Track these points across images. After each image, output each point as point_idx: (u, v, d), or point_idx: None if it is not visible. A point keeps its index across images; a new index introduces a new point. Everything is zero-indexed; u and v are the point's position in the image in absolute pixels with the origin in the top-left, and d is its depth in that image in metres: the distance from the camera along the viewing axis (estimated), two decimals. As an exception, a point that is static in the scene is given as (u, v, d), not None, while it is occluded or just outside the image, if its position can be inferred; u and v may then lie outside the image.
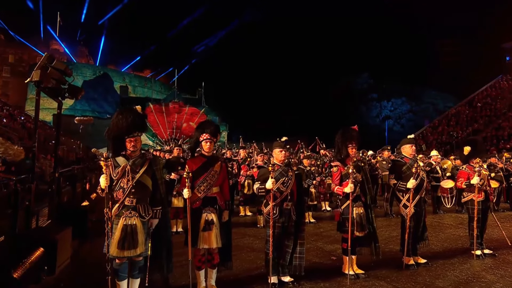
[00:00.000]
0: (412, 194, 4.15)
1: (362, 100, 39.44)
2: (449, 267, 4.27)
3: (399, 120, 38.32)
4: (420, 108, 37.57)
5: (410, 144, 4.44)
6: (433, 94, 37.52)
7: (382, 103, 39.73)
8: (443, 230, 6.39)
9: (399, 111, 38.93)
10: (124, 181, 3.00)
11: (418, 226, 4.34)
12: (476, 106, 31.98)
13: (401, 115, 38.48)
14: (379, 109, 40.13)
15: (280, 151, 3.74)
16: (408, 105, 38.30)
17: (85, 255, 4.78)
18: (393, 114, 38.87)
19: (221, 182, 3.49)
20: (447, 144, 25.52)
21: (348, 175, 3.88)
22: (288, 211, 3.63)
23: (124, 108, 3.18)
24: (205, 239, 3.30)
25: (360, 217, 3.88)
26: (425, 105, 37.29)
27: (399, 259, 4.44)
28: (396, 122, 38.27)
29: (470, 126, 28.00)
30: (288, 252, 3.68)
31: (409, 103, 38.54)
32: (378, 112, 40.04)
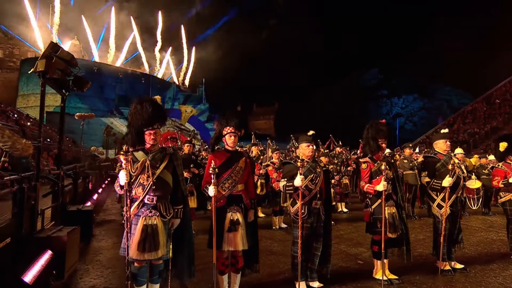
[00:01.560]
0: (448, 193, 4.04)
1: (371, 96, 39.26)
2: (490, 274, 4.15)
3: (411, 118, 38.12)
4: (433, 105, 37.37)
5: (444, 139, 4.33)
6: (446, 90, 37.32)
7: (393, 100, 39.54)
8: (473, 234, 6.28)
9: (411, 108, 38.74)
10: (144, 177, 2.90)
11: (454, 228, 4.23)
12: (494, 102, 31.75)
13: (413, 113, 38.28)
14: (390, 106, 39.94)
15: (307, 145, 3.64)
16: (420, 102, 38.10)
17: (92, 257, 4.69)
18: (405, 111, 38.69)
19: (246, 179, 3.39)
20: (464, 143, 25.36)
21: (378, 171, 3.79)
22: (317, 210, 3.53)
23: (143, 97, 3.08)
24: (230, 241, 3.19)
25: (392, 217, 3.76)
26: (438, 102, 37.07)
27: (431, 263, 4.35)
28: (408, 120, 38.07)
29: (488, 124, 27.80)
30: (316, 255, 3.58)
31: (421, 100, 38.33)
32: (388, 109, 39.86)
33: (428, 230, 5.82)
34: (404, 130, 36.53)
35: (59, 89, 4.89)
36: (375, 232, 3.83)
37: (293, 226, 3.59)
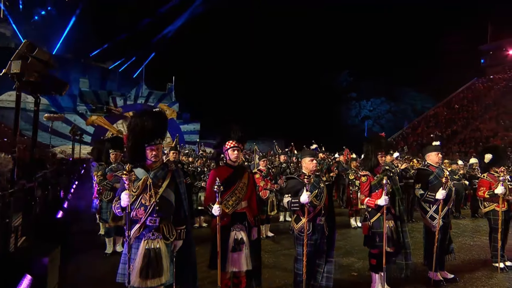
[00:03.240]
0: (441, 205, 4.14)
1: (342, 99, 40.34)
2: (477, 283, 4.32)
3: (379, 120, 39.63)
4: (399, 108, 39.09)
5: (436, 151, 4.44)
6: (412, 95, 39.13)
7: (361, 103, 40.87)
8: (453, 240, 6.53)
9: (378, 111, 40.25)
10: (146, 197, 2.68)
11: (445, 238, 4.36)
12: (454, 107, 33.79)
13: (381, 115, 39.81)
14: (358, 109, 41.25)
15: (311, 160, 3.57)
16: (387, 105, 39.70)
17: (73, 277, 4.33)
18: (372, 114, 40.12)
19: (250, 195, 3.26)
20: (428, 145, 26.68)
21: (378, 185, 3.80)
22: (321, 226, 3.47)
23: (144, 110, 2.85)
24: (234, 261, 3.06)
25: (391, 231, 3.80)
26: (404, 106, 38.84)
27: (422, 273, 4.45)
28: (376, 122, 39.53)
29: (449, 128, 29.51)
30: (319, 272, 3.52)
31: (388, 103, 39.95)
32: (357, 111, 41.15)
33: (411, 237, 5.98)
34: (372, 132, 37.86)
35: (34, 92, 4.46)
36: (373, 246, 3.84)
37: (296, 243, 3.50)
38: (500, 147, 5.20)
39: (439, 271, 4.30)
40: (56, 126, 25.75)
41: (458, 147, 24.67)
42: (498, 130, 25.29)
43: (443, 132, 29.23)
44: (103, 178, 5.13)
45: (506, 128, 25.18)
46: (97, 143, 6.65)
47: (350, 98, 40.79)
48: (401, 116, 38.13)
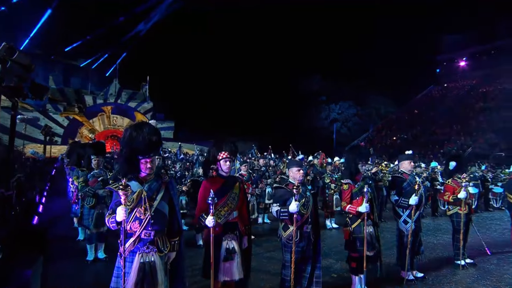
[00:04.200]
0: (414, 210, 4.35)
1: (312, 102, 41.13)
2: (443, 280, 4.57)
3: (346, 123, 40.79)
4: (365, 112, 40.46)
5: (409, 160, 4.65)
6: (376, 100, 40.62)
7: (331, 106, 41.90)
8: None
9: (346, 114, 41.45)
10: (141, 210, 2.60)
11: (416, 240, 4.57)
12: (414, 112, 35.49)
13: (348, 118, 41.01)
14: (328, 112, 42.25)
15: (298, 170, 3.61)
16: (354, 109, 40.97)
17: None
18: (341, 117, 41.24)
19: (241, 205, 3.25)
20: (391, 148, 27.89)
21: (359, 193, 3.93)
22: (308, 234, 3.53)
23: (138, 122, 2.76)
24: (226, 271, 3.04)
25: (370, 236, 3.94)
26: (369, 110, 40.26)
27: (395, 273, 4.65)
28: (343, 125, 40.67)
29: (409, 131, 30.95)
30: (305, 277, 3.57)
31: (355, 107, 41.24)
32: (326, 114, 42.13)
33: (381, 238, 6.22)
34: (340, 134, 38.92)
35: (14, 97, 4.19)
36: (354, 250, 3.96)
37: (284, 250, 3.54)
38: (463, 156, 5.53)
39: (411, 270, 4.51)
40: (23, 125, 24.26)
41: (418, 149, 25.91)
42: (451, 135, 26.87)
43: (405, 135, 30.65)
44: (85, 185, 4.91)
45: (458, 132, 26.79)
46: (77, 148, 6.34)
47: (320, 101, 41.67)
48: (367, 119, 39.50)
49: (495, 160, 20.08)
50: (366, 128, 37.18)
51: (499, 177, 12.44)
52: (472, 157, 22.46)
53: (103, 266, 4.97)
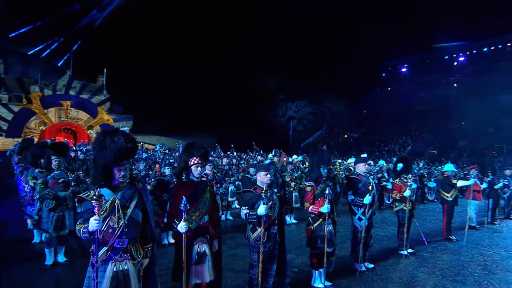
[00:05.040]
0: (367, 209, 4.67)
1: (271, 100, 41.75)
2: (390, 269, 4.97)
3: (302, 121, 42.02)
4: (319, 111, 41.99)
5: (364, 162, 4.96)
6: (330, 99, 42.29)
7: (288, 104, 42.85)
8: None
9: (302, 113, 42.68)
10: (114, 219, 2.51)
11: (368, 235, 4.91)
12: (362, 112, 37.52)
13: (304, 116, 42.27)
14: (285, 110, 43.15)
15: (265, 174, 3.69)
16: (309, 107, 42.31)
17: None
18: (297, 115, 42.37)
19: (211, 209, 3.26)
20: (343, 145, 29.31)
21: (321, 194, 4.13)
22: (274, 234, 3.63)
23: (111, 130, 2.64)
24: (197, 273, 3.05)
25: (330, 234, 4.16)
26: (323, 109, 41.84)
27: (349, 265, 4.96)
28: (299, 123, 41.84)
29: (359, 130, 32.71)
30: (271, 275, 3.68)
31: (310, 106, 42.61)
32: (283, 112, 43.02)
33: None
34: (296, 131, 40.00)
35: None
36: (315, 247, 4.15)
37: (252, 250, 3.60)
38: (409, 158, 6.02)
39: (363, 262, 4.85)
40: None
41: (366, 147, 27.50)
42: (394, 134, 28.90)
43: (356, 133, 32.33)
44: (45, 187, 4.57)
45: (400, 132, 28.88)
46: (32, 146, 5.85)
47: (278, 99, 42.41)
48: (321, 118, 41.00)
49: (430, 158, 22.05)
50: (320, 126, 38.61)
51: (433, 173, 13.71)
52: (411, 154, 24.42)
53: (63, 270, 4.68)
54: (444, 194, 6.85)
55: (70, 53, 39.94)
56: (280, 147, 20.12)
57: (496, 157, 20.92)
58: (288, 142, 37.22)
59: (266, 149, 20.79)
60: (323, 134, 35.70)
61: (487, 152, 21.75)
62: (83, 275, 2.54)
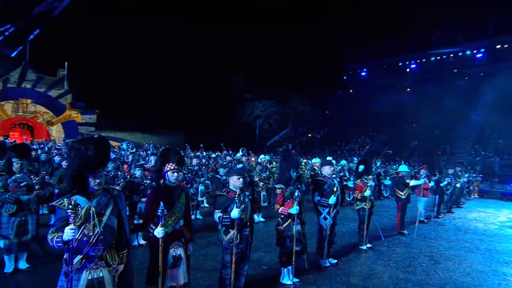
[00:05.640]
0: (332, 209, 4.90)
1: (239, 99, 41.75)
2: (351, 264, 5.28)
3: (268, 120, 42.51)
4: (284, 110, 42.69)
5: (329, 165, 5.19)
6: (294, 100, 43.15)
7: (254, 104, 43.13)
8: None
9: (268, 112, 43.16)
10: (89, 226, 2.44)
11: (333, 233, 5.16)
12: (325, 113, 38.76)
13: (270, 116, 42.77)
14: (251, 109, 43.39)
15: (238, 178, 3.74)
16: (275, 107, 42.87)
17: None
18: (263, 114, 42.77)
19: (186, 213, 3.27)
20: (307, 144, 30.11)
21: (290, 196, 4.27)
22: (246, 236, 3.71)
23: (86, 138, 2.55)
24: (172, 277, 3.05)
25: (298, 234, 4.33)
26: (288, 109, 42.61)
27: (315, 261, 5.16)
28: (265, 121, 42.29)
29: (322, 130, 33.76)
30: (243, 275, 3.76)
31: (276, 106, 43.20)
32: (250, 111, 43.24)
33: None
34: (262, 129, 40.39)
35: None
36: (285, 247, 4.30)
37: (224, 252, 3.65)
38: (369, 161, 6.37)
39: (328, 258, 5.09)
40: None
41: (328, 146, 28.49)
42: (354, 134, 30.20)
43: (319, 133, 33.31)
44: (5, 191, 4.26)
45: (359, 133, 30.23)
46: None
47: (245, 98, 42.52)
48: (286, 117, 41.72)
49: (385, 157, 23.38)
50: (285, 125, 39.31)
51: (389, 172, 14.61)
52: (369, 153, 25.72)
53: (25, 277, 4.40)
54: (399, 193, 7.36)
55: (26, 43, 36.93)
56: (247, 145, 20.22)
57: (441, 156, 22.68)
58: (254, 140, 37.50)
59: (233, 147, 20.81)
60: (288, 133, 36.38)
61: (434, 152, 23.49)
62: (46, 282, 2.46)
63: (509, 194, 15.81)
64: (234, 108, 42.45)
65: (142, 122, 35.42)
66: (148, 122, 35.68)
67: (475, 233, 7.98)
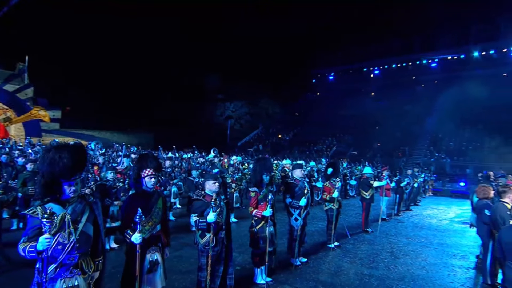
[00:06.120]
0: (303, 210, 5.07)
1: (211, 99, 41.39)
2: (320, 262, 5.50)
3: (239, 120, 42.56)
4: (255, 111, 42.97)
5: (300, 168, 5.36)
6: (265, 101, 43.55)
7: (226, 104, 43.00)
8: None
9: (239, 112, 43.22)
10: (64, 234, 2.37)
11: (303, 234, 5.34)
12: (294, 115, 39.50)
13: (241, 116, 42.86)
14: (223, 109, 43.22)
15: (214, 183, 3.78)
16: (246, 108, 43.03)
17: None
18: (234, 114, 42.75)
19: (164, 218, 3.25)
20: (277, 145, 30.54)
21: (263, 199, 4.38)
22: (222, 239, 3.76)
23: (61, 144, 2.47)
24: (149, 281, 3.03)
25: (271, 235, 4.44)
26: (259, 110, 42.94)
27: (286, 260, 5.33)
28: (237, 122, 42.31)
29: (291, 131, 34.39)
30: (218, 277, 3.80)
31: (247, 106, 43.37)
32: (222, 111, 43.06)
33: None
34: (233, 130, 40.34)
35: None
36: (258, 248, 4.39)
37: (200, 255, 3.67)
38: (337, 163, 6.64)
39: (298, 257, 5.26)
40: None
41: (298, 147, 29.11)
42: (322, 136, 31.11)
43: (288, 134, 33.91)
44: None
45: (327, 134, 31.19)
46: None
47: (217, 99, 42.25)
48: (257, 118, 42.00)
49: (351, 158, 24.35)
50: (256, 126, 39.58)
51: (354, 172, 15.26)
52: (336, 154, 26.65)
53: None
54: (363, 193, 7.75)
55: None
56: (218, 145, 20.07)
57: (401, 157, 24.05)
58: (225, 140, 37.38)
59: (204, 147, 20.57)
60: (259, 133, 36.69)
61: (394, 153, 24.85)
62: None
63: (458, 192, 17.15)
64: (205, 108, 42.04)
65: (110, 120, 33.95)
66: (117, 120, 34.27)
67: (429, 229, 8.60)
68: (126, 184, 5.69)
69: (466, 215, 10.68)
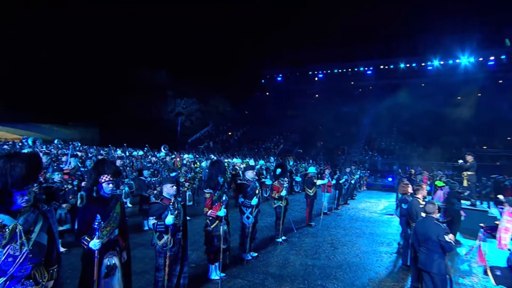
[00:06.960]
0: (254, 209, 5.33)
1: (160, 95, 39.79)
2: (270, 255, 5.82)
3: (190, 117, 41.68)
4: (206, 108, 42.46)
5: (252, 170, 5.61)
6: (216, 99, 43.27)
7: (176, 101, 41.75)
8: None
9: (190, 109, 42.32)
10: (16, 246, 2.26)
11: (254, 230, 5.60)
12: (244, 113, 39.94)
13: (191, 113, 42.00)
14: (173, 105, 41.90)
15: (171, 186, 3.82)
16: (197, 105, 42.29)
17: None
18: (185, 111, 41.74)
19: (122, 223, 3.21)
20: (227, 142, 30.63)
21: (218, 199, 4.53)
22: (179, 240, 3.82)
23: (13, 153, 2.33)
24: (107, 286, 2.99)
25: (225, 233, 4.62)
26: (210, 107, 42.52)
27: (238, 256, 5.54)
28: (187, 119, 41.37)
29: (241, 129, 34.73)
30: (175, 276, 3.85)
31: (198, 104, 42.65)
32: (172, 108, 41.71)
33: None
34: (183, 126, 39.40)
35: None
36: (212, 245, 4.54)
37: (158, 256, 3.69)
38: (285, 165, 7.03)
39: (249, 252, 5.51)
40: None
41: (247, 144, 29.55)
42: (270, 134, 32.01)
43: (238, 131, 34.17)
44: None
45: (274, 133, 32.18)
46: None
47: (167, 95, 40.79)
48: (208, 115, 41.56)
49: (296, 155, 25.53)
50: (207, 123, 39.18)
51: (299, 170, 16.11)
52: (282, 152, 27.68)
53: None
54: (308, 190, 8.31)
55: None
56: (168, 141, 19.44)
57: (340, 155, 25.93)
58: (175, 137, 36.35)
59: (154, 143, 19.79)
60: (209, 130, 36.39)
61: (335, 151, 26.68)
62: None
63: (387, 186, 19.14)
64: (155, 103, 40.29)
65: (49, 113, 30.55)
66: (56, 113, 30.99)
67: (363, 221, 9.55)
68: (75, 186, 5.36)
69: (392, 207, 12.04)
